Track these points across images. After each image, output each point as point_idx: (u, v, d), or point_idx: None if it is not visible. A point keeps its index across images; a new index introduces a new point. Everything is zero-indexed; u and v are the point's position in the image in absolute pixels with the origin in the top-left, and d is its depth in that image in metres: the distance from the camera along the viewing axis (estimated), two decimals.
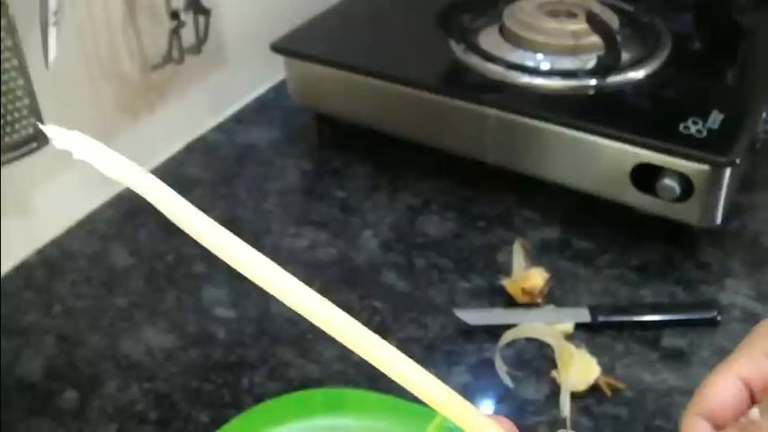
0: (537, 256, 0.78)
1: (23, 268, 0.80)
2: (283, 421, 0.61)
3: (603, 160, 0.77)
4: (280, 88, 1.07)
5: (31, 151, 0.73)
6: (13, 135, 0.71)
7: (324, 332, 0.71)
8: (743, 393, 0.41)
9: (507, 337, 0.67)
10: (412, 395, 0.65)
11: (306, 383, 0.67)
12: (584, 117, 0.78)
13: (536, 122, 0.79)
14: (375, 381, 0.67)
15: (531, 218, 0.84)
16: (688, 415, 0.42)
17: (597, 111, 0.80)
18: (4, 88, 0.69)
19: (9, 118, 0.70)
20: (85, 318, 0.74)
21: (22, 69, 0.70)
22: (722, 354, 0.69)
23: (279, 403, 0.63)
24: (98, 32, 0.82)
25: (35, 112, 0.72)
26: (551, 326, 0.69)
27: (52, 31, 0.71)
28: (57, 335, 0.73)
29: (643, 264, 0.78)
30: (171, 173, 0.92)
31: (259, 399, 0.65)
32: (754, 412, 0.41)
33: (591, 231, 0.81)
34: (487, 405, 0.65)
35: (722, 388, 0.41)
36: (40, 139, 0.73)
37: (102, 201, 0.88)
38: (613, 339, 0.71)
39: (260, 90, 1.07)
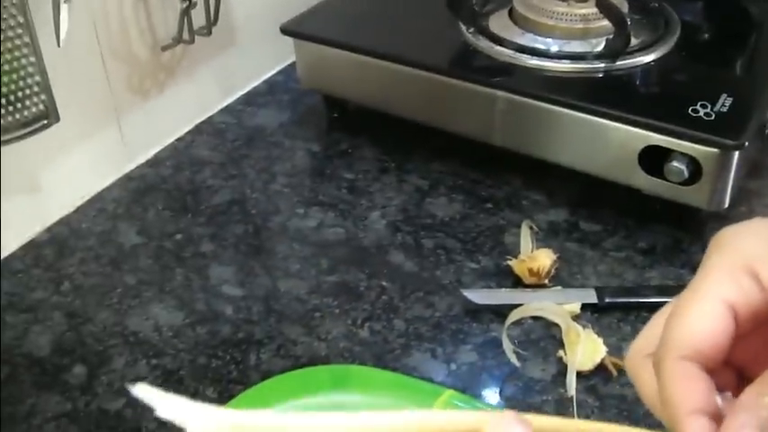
0: (544, 238, 0.78)
1: (32, 246, 0.81)
2: (289, 397, 0.62)
3: (612, 143, 0.77)
4: (289, 71, 1.07)
5: (42, 128, 0.73)
6: (23, 112, 0.71)
7: (331, 310, 0.72)
8: (729, 321, 0.33)
9: (515, 315, 0.67)
10: (418, 373, 0.66)
11: (312, 361, 0.67)
12: (593, 100, 0.78)
13: (544, 105, 0.79)
14: (381, 358, 0.67)
15: (538, 200, 0.84)
16: (669, 361, 0.33)
17: (606, 94, 0.80)
18: (15, 65, 0.70)
19: (20, 95, 0.71)
20: (94, 295, 0.75)
21: (34, 46, 0.70)
22: None
23: (285, 379, 0.63)
24: (109, 12, 0.83)
25: (46, 90, 0.72)
26: (559, 306, 0.69)
27: (64, 9, 0.71)
28: (65, 311, 0.73)
29: (650, 246, 0.78)
30: (180, 153, 0.93)
31: (266, 375, 0.66)
32: None
33: (598, 214, 0.82)
34: (494, 384, 0.66)
35: (706, 319, 0.33)
36: (51, 117, 0.73)
37: (111, 180, 0.89)
38: (620, 321, 0.71)
39: (269, 73, 1.07)
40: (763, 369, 0.35)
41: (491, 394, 0.65)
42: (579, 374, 0.65)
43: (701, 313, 0.33)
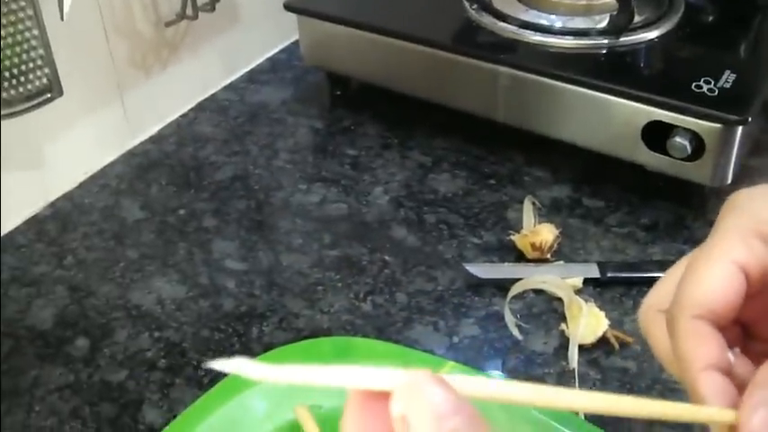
0: (547, 214, 0.78)
1: (35, 221, 0.81)
2: None
3: (615, 119, 0.77)
4: (292, 49, 1.07)
5: (46, 102, 0.73)
6: (27, 85, 0.71)
7: (333, 284, 0.72)
8: (742, 283, 0.34)
9: (517, 287, 0.67)
10: (420, 345, 0.66)
11: (314, 333, 0.67)
12: (596, 75, 0.78)
13: (548, 81, 0.79)
14: (383, 331, 0.67)
15: (541, 176, 0.84)
16: (683, 320, 0.35)
17: (609, 70, 0.80)
18: (19, 38, 0.70)
19: (23, 68, 0.71)
20: (97, 269, 0.75)
21: (38, 20, 0.70)
22: None
23: (287, 351, 0.63)
24: None
25: (49, 63, 0.72)
26: (561, 279, 0.70)
27: None
28: (68, 285, 0.73)
29: (653, 222, 0.78)
30: (183, 130, 0.93)
31: (268, 348, 0.66)
32: None
33: (601, 190, 0.82)
34: (496, 357, 0.66)
35: (720, 281, 0.34)
36: (54, 90, 0.73)
37: (115, 156, 0.89)
38: (622, 295, 0.71)
39: (272, 50, 1.07)
40: (766, 326, 0.36)
41: (493, 367, 0.65)
42: (581, 347, 0.65)
43: (714, 275, 0.34)
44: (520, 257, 0.74)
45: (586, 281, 0.71)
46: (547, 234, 0.73)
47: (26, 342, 0.68)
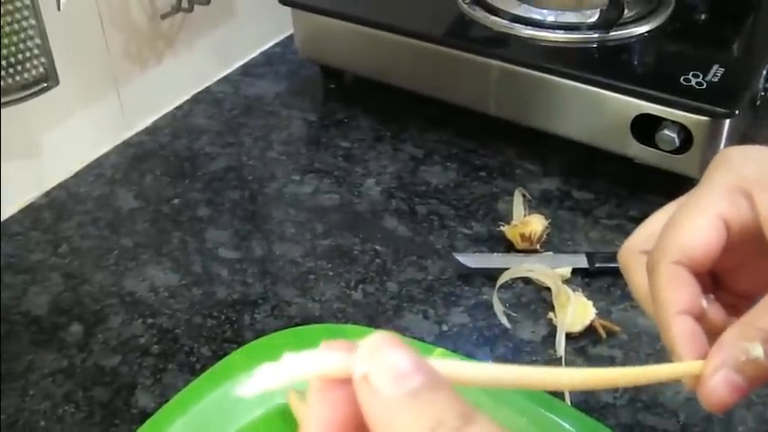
0: (537, 206, 0.79)
1: (31, 210, 0.81)
2: (283, 354, 0.62)
3: (605, 112, 0.78)
4: (286, 43, 1.08)
5: (42, 91, 0.74)
6: (23, 74, 0.72)
7: (325, 272, 0.72)
8: (722, 234, 0.37)
9: (506, 275, 0.68)
10: (410, 333, 0.66)
11: (306, 321, 0.68)
12: (587, 69, 0.79)
13: (539, 74, 0.80)
14: (374, 319, 0.68)
15: (532, 169, 0.85)
16: (664, 264, 0.37)
17: (599, 63, 0.81)
18: (15, 27, 0.70)
19: (20, 57, 0.71)
20: (91, 256, 0.76)
21: (34, 9, 0.71)
22: None
23: (279, 337, 0.64)
24: None
25: (46, 53, 0.73)
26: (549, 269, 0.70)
27: None
28: (63, 272, 0.74)
29: (642, 215, 0.78)
30: (177, 122, 0.94)
31: (260, 334, 0.66)
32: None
33: (591, 183, 0.82)
34: (485, 345, 0.67)
35: (702, 231, 0.36)
36: (51, 80, 0.74)
37: (110, 147, 0.89)
38: (610, 285, 0.72)
39: (267, 44, 1.08)
40: (737, 278, 0.39)
41: (481, 354, 0.66)
42: (568, 336, 0.66)
43: (697, 225, 0.36)
44: (509, 248, 0.75)
45: (575, 271, 0.72)
46: (536, 225, 0.74)
47: (21, 327, 0.69)
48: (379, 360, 0.28)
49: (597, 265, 0.72)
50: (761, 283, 0.38)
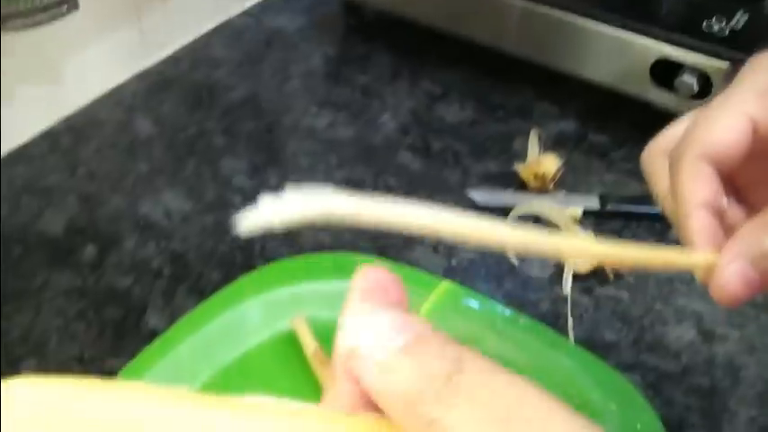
0: (552, 147, 0.79)
1: (50, 134, 0.82)
2: (293, 281, 0.63)
3: (625, 54, 0.77)
4: None
5: (61, 15, 0.74)
6: None
7: None
8: (749, 135, 0.36)
9: (516, 212, 0.68)
10: (419, 266, 0.67)
11: (316, 250, 0.69)
12: (608, 9, 0.78)
13: (560, 13, 0.79)
14: (383, 251, 0.69)
15: (549, 110, 0.84)
16: (688, 158, 0.37)
17: (621, 4, 0.80)
18: None
19: None
20: (108, 180, 0.76)
21: None
22: None
23: (289, 264, 0.65)
24: None
25: None
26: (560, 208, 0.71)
27: None
28: (79, 195, 0.75)
29: None
30: (197, 52, 0.94)
31: (270, 261, 0.67)
32: None
33: (607, 126, 0.82)
34: (492, 280, 0.67)
35: (729, 128, 0.36)
36: (70, 3, 0.74)
37: (129, 74, 0.90)
38: (621, 228, 0.72)
39: None
40: (758, 194, 0.38)
41: (488, 289, 0.66)
42: (576, 276, 0.67)
43: (724, 122, 0.36)
44: (522, 187, 0.75)
45: (587, 213, 0.72)
46: (550, 165, 0.74)
47: (37, 247, 0.70)
48: (363, 329, 0.28)
49: (609, 208, 0.72)
50: None
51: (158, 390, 0.28)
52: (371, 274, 0.29)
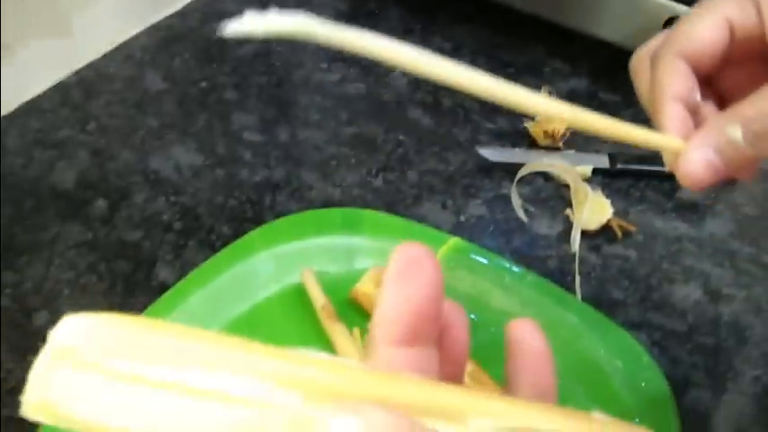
0: None
1: (60, 88, 0.82)
2: (302, 236, 0.64)
3: (637, 12, 0.77)
4: None
5: None
6: None
7: (347, 159, 0.73)
8: (725, 35, 0.38)
9: (525, 169, 0.68)
10: (427, 222, 0.67)
11: (326, 205, 0.69)
12: None
13: None
14: (392, 206, 0.69)
15: (560, 68, 0.84)
16: (667, 55, 0.39)
17: None
18: None
19: None
20: (118, 135, 0.77)
21: None
22: (737, 210, 0.71)
23: (298, 219, 0.65)
24: None
25: None
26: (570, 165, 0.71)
27: None
28: (90, 149, 0.75)
29: None
30: (207, 6, 0.93)
31: (280, 216, 0.67)
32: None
33: (619, 85, 0.82)
34: (500, 237, 0.67)
35: (706, 28, 0.38)
36: None
37: (140, 28, 0.89)
38: (630, 186, 0.72)
39: None
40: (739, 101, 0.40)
41: (496, 245, 0.67)
42: (584, 233, 0.67)
43: (703, 22, 0.38)
44: (532, 145, 0.75)
45: (596, 171, 0.72)
46: (559, 122, 0.74)
47: (48, 201, 0.70)
48: None
49: (618, 167, 0.72)
50: None
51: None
52: (404, 252, 0.28)
